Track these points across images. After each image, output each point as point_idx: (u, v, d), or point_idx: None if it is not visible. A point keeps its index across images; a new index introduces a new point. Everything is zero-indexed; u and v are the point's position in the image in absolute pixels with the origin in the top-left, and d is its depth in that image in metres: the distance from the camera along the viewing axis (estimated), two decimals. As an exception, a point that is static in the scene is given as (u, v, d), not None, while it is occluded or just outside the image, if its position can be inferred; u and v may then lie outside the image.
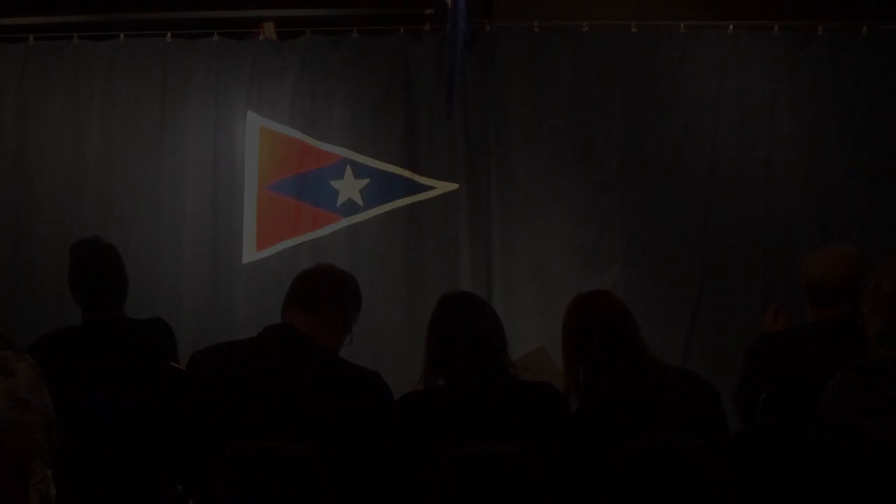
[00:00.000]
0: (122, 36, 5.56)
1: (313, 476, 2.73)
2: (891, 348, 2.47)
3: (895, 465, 2.33)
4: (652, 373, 2.99)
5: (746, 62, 5.40)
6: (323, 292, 3.03)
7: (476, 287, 5.08)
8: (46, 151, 5.54)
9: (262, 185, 5.48)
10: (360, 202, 5.46)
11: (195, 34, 5.56)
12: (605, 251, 5.36)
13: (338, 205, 5.46)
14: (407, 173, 5.46)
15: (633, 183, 5.39)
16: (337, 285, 3.08)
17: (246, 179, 5.49)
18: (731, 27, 5.40)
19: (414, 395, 3.00)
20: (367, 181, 5.46)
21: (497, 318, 3.10)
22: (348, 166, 5.47)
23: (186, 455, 2.94)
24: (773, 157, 5.37)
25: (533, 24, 5.46)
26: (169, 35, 5.55)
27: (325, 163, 5.48)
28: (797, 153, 5.35)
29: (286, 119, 5.51)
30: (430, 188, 5.47)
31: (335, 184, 5.47)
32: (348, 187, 5.46)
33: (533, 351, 4.00)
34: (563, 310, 3.21)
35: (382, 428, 2.87)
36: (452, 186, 5.45)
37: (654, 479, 2.84)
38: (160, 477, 3.18)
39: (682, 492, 2.85)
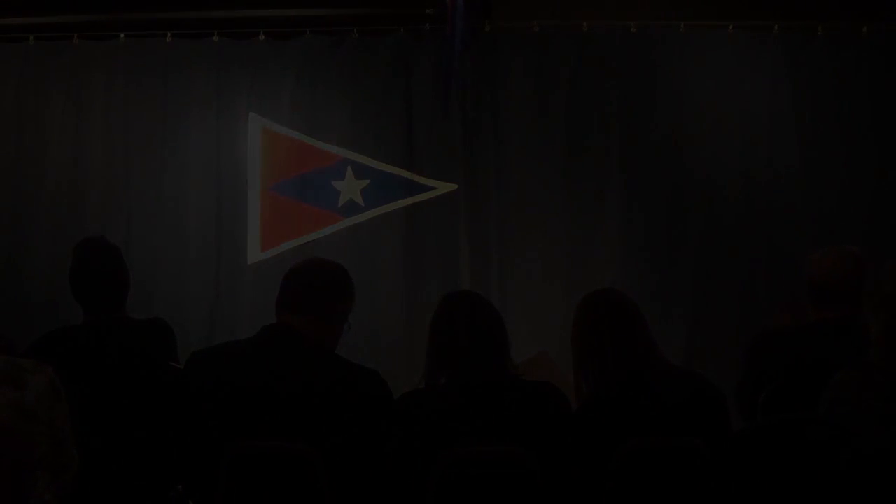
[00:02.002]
0: (122, 36, 5.57)
1: (313, 476, 2.72)
2: (893, 348, 2.47)
3: (895, 467, 2.33)
4: (659, 373, 2.99)
5: (746, 62, 5.41)
6: (312, 289, 3.00)
7: (476, 287, 5.08)
8: (46, 152, 5.54)
9: (265, 185, 5.49)
10: (361, 202, 5.47)
11: (195, 34, 5.57)
12: (604, 251, 5.36)
13: (339, 205, 5.47)
14: (407, 174, 5.47)
15: (632, 182, 5.40)
16: (325, 280, 3.05)
17: (249, 180, 5.50)
18: (731, 27, 5.41)
19: (415, 394, 3.00)
20: (367, 182, 5.47)
21: (500, 318, 3.09)
22: (349, 167, 5.47)
23: (186, 455, 2.94)
24: (773, 156, 5.38)
25: (533, 24, 5.47)
26: (169, 35, 5.55)
27: (326, 163, 5.49)
28: (798, 152, 5.36)
29: (287, 120, 5.52)
30: (430, 188, 5.47)
31: (336, 184, 5.47)
32: (349, 188, 5.47)
33: (535, 356, 3.97)
34: (562, 309, 3.21)
35: (381, 426, 2.86)
36: (452, 186, 5.45)
37: (654, 479, 2.84)
38: (160, 477, 3.18)
39: (682, 492, 2.85)
